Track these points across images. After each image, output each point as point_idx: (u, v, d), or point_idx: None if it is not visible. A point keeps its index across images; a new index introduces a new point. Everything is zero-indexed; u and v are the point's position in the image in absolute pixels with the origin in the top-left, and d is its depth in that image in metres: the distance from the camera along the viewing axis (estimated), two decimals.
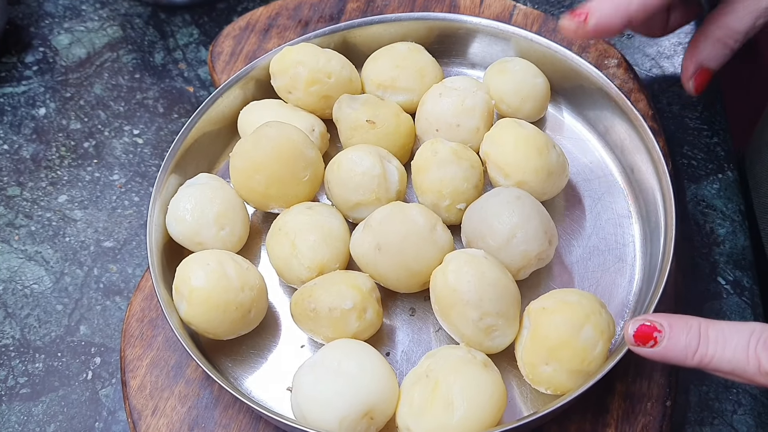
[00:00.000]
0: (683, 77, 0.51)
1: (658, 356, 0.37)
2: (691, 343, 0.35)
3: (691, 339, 0.36)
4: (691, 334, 0.36)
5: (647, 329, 0.36)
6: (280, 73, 0.52)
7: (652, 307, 0.41)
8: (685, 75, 0.51)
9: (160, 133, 0.60)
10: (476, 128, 0.50)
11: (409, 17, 0.56)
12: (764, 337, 0.34)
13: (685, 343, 0.36)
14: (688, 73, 0.51)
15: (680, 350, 0.36)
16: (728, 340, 0.35)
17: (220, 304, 0.43)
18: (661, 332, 0.36)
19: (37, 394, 0.48)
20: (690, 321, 0.36)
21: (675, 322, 0.36)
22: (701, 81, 0.50)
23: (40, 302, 0.52)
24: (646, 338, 0.36)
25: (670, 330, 0.36)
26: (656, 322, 0.36)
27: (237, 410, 0.45)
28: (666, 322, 0.36)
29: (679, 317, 0.36)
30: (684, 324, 0.36)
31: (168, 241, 0.49)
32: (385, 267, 0.45)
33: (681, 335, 0.36)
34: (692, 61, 0.50)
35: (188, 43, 0.65)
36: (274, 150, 0.47)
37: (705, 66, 0.50)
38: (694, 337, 0.35)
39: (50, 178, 0.58)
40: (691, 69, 0.50)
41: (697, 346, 0.35)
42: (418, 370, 0.42)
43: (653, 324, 0.36)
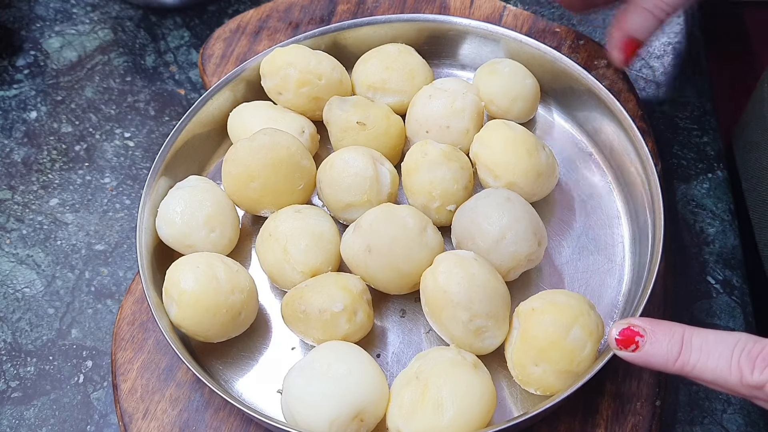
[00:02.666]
0: (609, 46, 0.51)
1: (640, 360, 0.36)
2: (673, 349, 0.36)
3: (673, 345, 0.36)
4: (674, 341, 0.36)
5: (630, 333, 0.36)
6: (270, 74, 0.53)
7: (641, 308, 0.42)
8: (610, 44, 0.51)
9: (152, 136, 0.60)
10: (466, 130, 0.51)
11: (399, 19, 0.56)
12: (748, 348, 0.34)
13: (666, 349, 0.36)
14: (614, 43, 0.50)
15: (662, 356, 0.36)
16: (712, 349, 0.35)
17: (210, 307, 0.43)
18: (643, 337, 0.36)
19: (28, 397, 0.48)
20: (674, 327, 0.36)
21: (658, 328, 0.36)
22: (629, 52, 0.50)
23: (31, 306, 0.52)
24: (628, 342, 0.36)
25: (653, 335, 0.36)
26: (639, 326, 0.36)
27: (228, 413, 0.45)
28: (649, 327, 0.36)
29: (664, 323, 0.37)
30: (667, 330, 0.36)
31: (158, 244, 0.49)
32: (376, 269, 0.45)
33: (663, 341, 0.36)
34: (620, 30, 0.50)
35: (179, 45, 0.65)
36: (272, 160, 0.47)
37: (633, 36, 0.49)
38: (677, 344, 0.36)
39: (41, 182, 0.58)
40: (617, 38, 0.50)
41: (679, 353, 0.35)
42: (408, 371, 0.42)
43: (636, 328, 0.36)
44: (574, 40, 0.59)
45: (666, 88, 0.59)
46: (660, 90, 0.59)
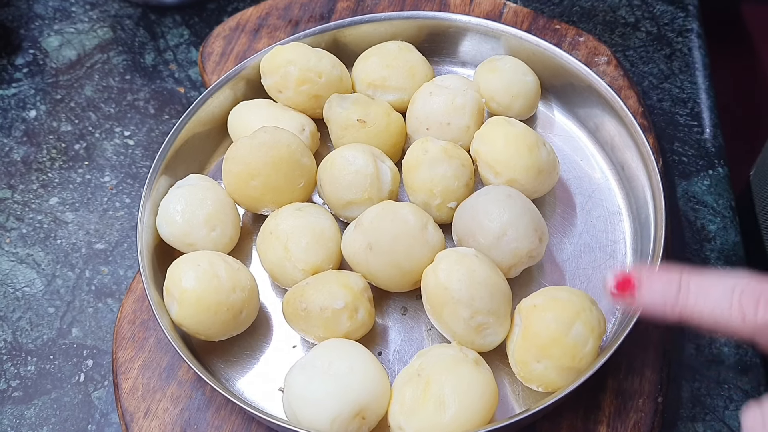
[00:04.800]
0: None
1: (637, 306, 0.35)
2: (671, 292, 0.34)
3: (670, 289, 0.34)
4: (671, 284, 0.34)
5: (625, 278, 0.35)
6: (270, 72, 0.52)
7: None
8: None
9: (151, 135, 0.60)
10: (467, 127, 0.50)
11: (399, 16, 0.56)
12: (749, 287, 0.32)
13: (664, 292, 0.34)
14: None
15: (659, 300, 0.34)
16: (710, 290, 0.33)
17: (211, 306, 0.43)
18: (639, 283, 0.35)
19: (29, 397, 0.48)
20: (670, 271, 0.34)
21: (654, 273, 0.35)
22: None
23: (31, 305, 0.52)
24: (625, 286, 0.35)
25: (649, 280, 0.34)
26: (635, 272, 0.35)
27: (229, 411, 0.45)
28: (645, 272, 0.35)
29: (660, 269, 0.35)
30: (663, 274, 0.34)
31: (159, 243, 0.49)
32: (377, 266, 0.45)
33: (659, 285, 0.34)
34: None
35: (179, 43, 0.65)
36: (273, 158, 0.47)
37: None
38: (674, 288, 0.34)
39: (41, 181, 0.58)
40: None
41: (677, 296, 0.34)
42: (409, 369, 0.42)
43: (632, 274, 0.35)
44: (575, 36, 0.59)
45: (666, 85, 0.59)
46: (660, 86, 0.59)
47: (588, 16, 0.63)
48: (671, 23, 0.62)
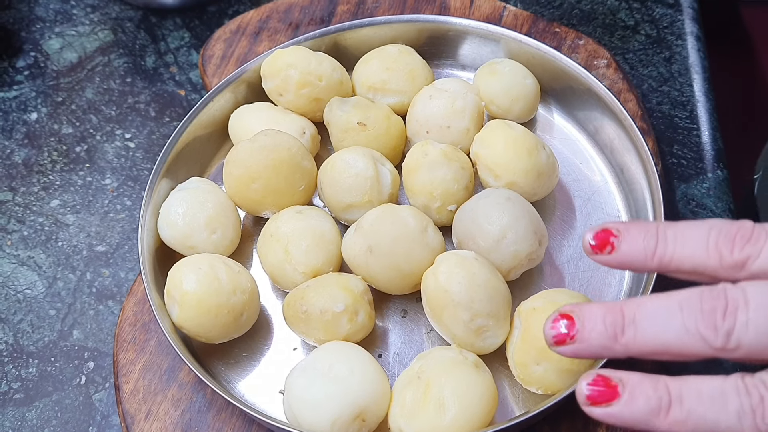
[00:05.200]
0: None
1: (617, 262, 0.34)
2: (649, 243, 0.33)
3: (648, 240, 0.33)
4: (649, 236, 0.33)
5: (604, 235, 0.34)
6: (271, 75, 0.53)
7: None
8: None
9: (152, 137, 0.60)
10: (466, 130, 0.51)
11: (399, 19, 0.56)
12: (725, 229, 0.32)
13: (643, 245, 0.33)
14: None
15: (639, 252, 0.33)
16: (687, 236, 0.33)
17: (211, 308, 0.43)
18: (617, 237, 0.34)
19: (30, 399, 0.49)
20: (647, 224, 0.34)
21: (631, 226, 0.34)
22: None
23: (33, 307, 0.52)
24: (604, 244, 0.34)
25: (627, 233, 0.34)
26: (612, 227, 0.34)
27: (230, 413, 0.45)
28: (623, 226, 0.34)
29: (635, 222, 0.35)
30: (641, 226, 0.34)
31: (160, 246, 0.49)
32: (377, 269, 0.45)
33: (638, 238, 0.34)
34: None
35: (179, 46, 0.65)
36: (273, 161, 0.47)
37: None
38: (652, 238, 0.33)
39: (42, 183, 0.58)
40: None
41: (655, 247, 0.33)
42: (409, 371, 0.42)
43: (609, 229, 0.34)
44: (574, 39, 0.59)
45: (666, 88, 0.59)
46: (660, 89, 0.59)
47: (588, 19, 0.64)
48: (671, 26, 0.63)
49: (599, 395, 0.31)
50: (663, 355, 0.32)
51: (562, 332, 0.33)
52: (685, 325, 0.31)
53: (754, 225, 0.32)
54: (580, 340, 0.33)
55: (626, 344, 0.32)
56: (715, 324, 0.30)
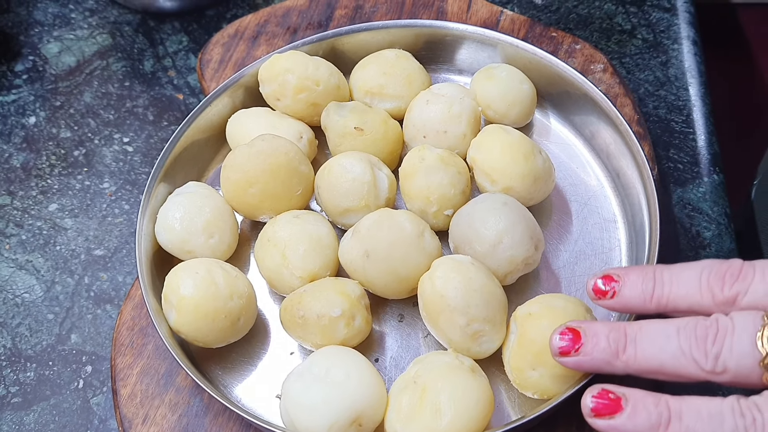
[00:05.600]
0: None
1: (620, 305, 0.36)
2: (647, 287, 0.36)
3: (646, 284, 0.36)
4: (647, 279, 0.36)
5: (607, 277, 0.37)
6: (268, 80, 0.53)
7: None
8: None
9: (150, 141, 0.60)
10: (463, 134, 0.51)
11: (397, 24, 0.57)
12: (715, 269, 0.35)
13: (641, 288, 0.36)
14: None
15: (638, 296, 0.36)
16: (681, 278, 0.35)
17: (209, 313, 0.43)
18: (618, 282, 0.36)
19: (28, 403, 0.49)
20: (645, 268, 0.36)
21: (631, 271, 0.37)
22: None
23: (31, 311, 0.52)
24: (606, 287, 0.37)
25: (627, 278, 0.36)
26: (613, 273, 0.37)
27: (227, 418, 0.45)
28: (623, 272, 0.37)
29: (634, 267, 0.37)
30: (639, 271, 0.36)
31: (157, 250, 0.49)
32: (374, 273, 0.45)
33: (637, 282, 0.36)
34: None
35: (177, 50, 0.65)
36: (271, 166, 0.47)
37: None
38: (650, 282, 0.36)
39: (40, 187, 0.58)
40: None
41: (653, 290, 0.35)
42: (406, 376, 0.43)
43: (611, 275, 0.37)
44: (571, 44, 0.59)
45: (662, 92, 0.59)
46: (656, 94, 0.59)
47: (584, 24, 0.64)
48: (667, 30, 0.63)
49: (603, 408, 0.34)
50: (659, 375, 0.34)
51: (568, 344, 0.36)
52: (681, 348, 0.33)
53: (743, 263, 0.35)
54: (584, 353, 0.35)
55: (626, 361, 0.35)
56: (705, 348, 0.33)
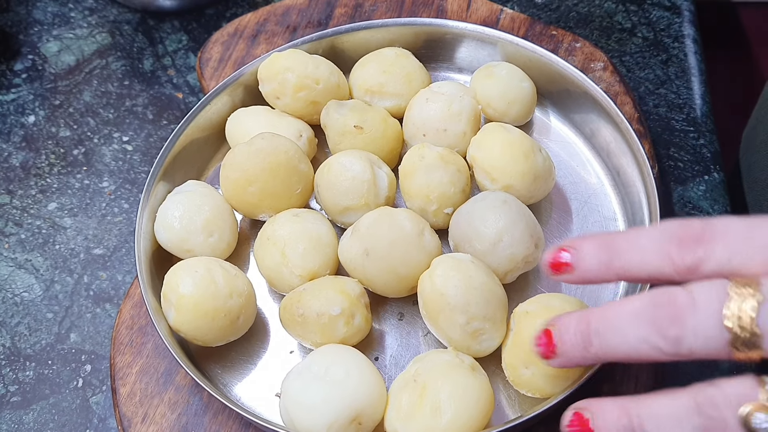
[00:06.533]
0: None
1: (578, 279, 0.34)
2: (603, 257, 0.33)
3: (602, 254, 0.33)
4: (602, 249, 0.33)
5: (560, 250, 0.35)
6: (268, 79, 0.53)
7: None
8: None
9: (150, 140, 0.60)
10: (463, 133, 0.51)
11: (396, 23, 0.56)
12: (674, 232, 0.31)
13: (598, 259, 0.33)
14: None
15: (595, 268, 0.33)
16: (638, 244, 0.32)
17: (208, 311, 0.43)
18: (573, 254, 0.34)
19: (27, 402, 0.49)
20: (600, 236, 0.34)
21: (585, 242, 0.34)
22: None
23: (30, 310, 0.52)
24: (560, 260, 0.34)
25: (582, 250, 0.34)
26: (567, 245, 0.35)
27: (227, 417, 0.45)
28: (577, 243, 0.34)
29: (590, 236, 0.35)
30: (595, 241, 0.34)
31: (157, 249, 0.49)
32: (373, 272, 0.45)
33: (593, 253, 0.34)
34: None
35: (177, 49, 0.65)
36: (270, 164, 0.47)
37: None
38: (605, 251, 0.33)
39: (40, 186, 0.58)
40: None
41: (609, 260, 0.33)
42: (406, 374, 0.42)
43: (564, 248, 0.35)
44: (571, 42, 0.59)
45: (662, 90, 0.59)
46: (656, 92, 0.59)
47: (585, 22, 0.64)
48: (667, 29, 0.63)
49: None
50: (631, 361, 0.33)
51: (543, 349, 0.35)
52: (641, 335, 0.31)
53: (703, 224, 0.32)
54: (560, 354, 0.34)
55: (596, 354, 0.33)
56: (664, 333, 0.30)
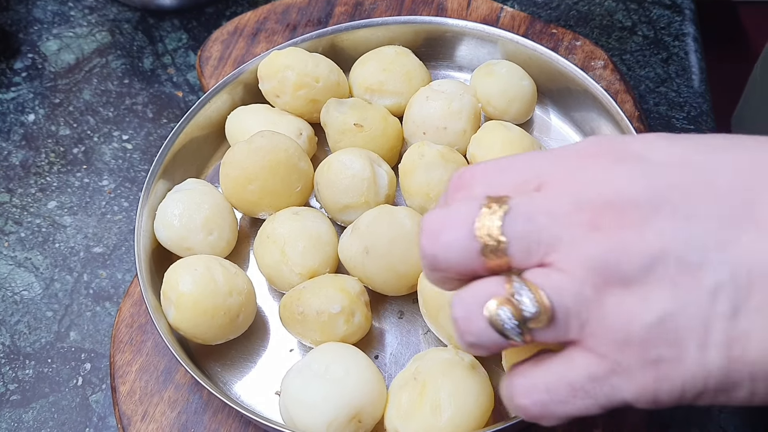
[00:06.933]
0: None
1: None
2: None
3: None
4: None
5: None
6: (268, 77, 0.53)
7: None
8: None
9: (150, 138, 0.60)
10: (463, 131, 0.51)
11: (396, 21, 0.56)
12: (449, 184, 0.32)
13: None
14: None
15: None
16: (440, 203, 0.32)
17: (208, 309, 0.43)
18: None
19: (27, 400, 0.49)
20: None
21: None
22: None
23: (30, 309, 0.52)
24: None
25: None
26: None
27: (226, 415, 0.45)
28: None
29: None
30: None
31: (157, 247, 0.49)
32: (373, 270, 0.45)
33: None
34: None
35: (177, 47, 0.65)
36: (270, 162, 0.47)
37: None
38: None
39: (39, 185, 0.58)
40: None
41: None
42: (406, 372, 0.42)
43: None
44: (571, 40, 0.59)
45: (663, 89, 0.59)
46: (657, 90, 0.59)
47: (585, 20, 0.64)
48: (668, 27, 0.63)
49: None
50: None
51: None
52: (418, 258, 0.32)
53: (467, 170, 0.32)
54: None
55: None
56: (422, 254, 0.31)
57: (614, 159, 0.29)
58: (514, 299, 0.28)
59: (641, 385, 0.28)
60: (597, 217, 0.28)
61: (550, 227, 0.28)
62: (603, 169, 0.29)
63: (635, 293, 0.27)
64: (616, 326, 0.28)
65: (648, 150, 0.29)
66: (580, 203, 0.28)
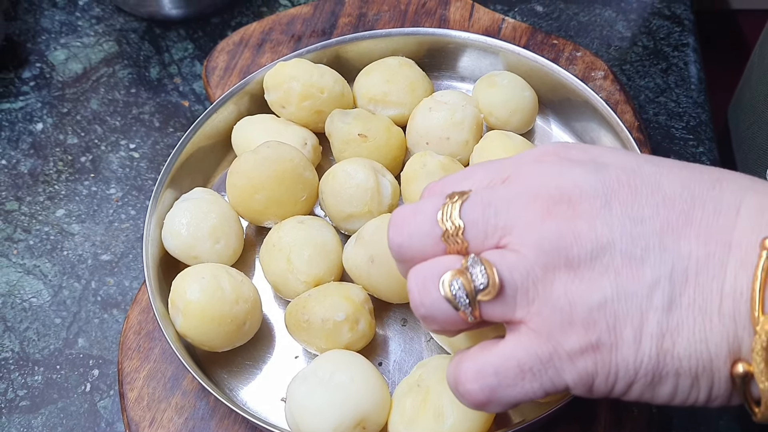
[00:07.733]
0: None
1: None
2: None
3: None
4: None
5: None
6: (273, 88, 0.53)
7: None
8: None
9: (156, 147, 0.61)
10: (465, 141, 0.51)
11: (400, 32, 0.57)
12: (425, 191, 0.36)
13: None
14: None
15: None
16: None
17: (215, 317, 0.44)
18: None
19: (36, 406, 0.49)
20: None
21: None
22: None
23: (38, 316, 0.53)
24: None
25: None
26: None
27: (233, 421, 0.46)
28: None
29: None
30: None
31: (164, 255, 0.50)
32: (378, 278, 0.46)
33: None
34: None
35: (183, 57, 0.66)
36: (276, 172, 0.48)
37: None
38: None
39: (48, 193, 0.59)
40: None
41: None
42: (409, 379, 0.43)
43: None
44: (572, 51, 0.60)
45: (662, 99, 0.60)
46: (656, 100, 0.60)
47: (585, 31, 0.64)
48: (667, 38, 0.63)
49: None
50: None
51: None
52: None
53: (438, 182, 0.35)
54: None
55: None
56: (390, 243, 0.34)
57: (574, 160, 0.32)
58: (468, 272, 0.30)
59: (581, 367, 0.30)
60: (552, 206, 0.30)
61: (507, 212, 0.31)
62: (562, 166, 0.31)
63: (581, 276, 0.29)
64: (561, 305, 0.29)
65: (606, 156, 0.32)
66: (538, 193, 0.31)
